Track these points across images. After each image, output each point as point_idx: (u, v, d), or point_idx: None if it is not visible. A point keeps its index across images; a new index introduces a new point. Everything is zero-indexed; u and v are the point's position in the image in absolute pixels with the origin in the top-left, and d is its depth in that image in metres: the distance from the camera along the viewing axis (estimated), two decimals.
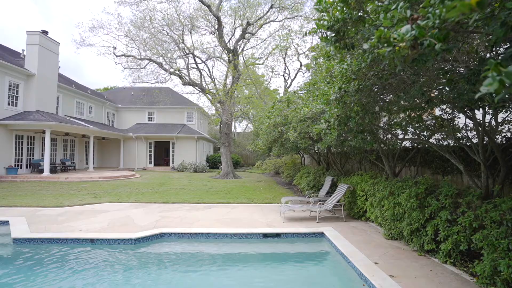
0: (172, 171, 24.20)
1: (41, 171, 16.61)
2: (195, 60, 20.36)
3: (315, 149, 10.61)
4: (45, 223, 6.50)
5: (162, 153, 28.95)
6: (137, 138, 25.32)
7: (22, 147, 16.84)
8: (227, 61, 20.52)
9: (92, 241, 5.29)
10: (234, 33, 21.47)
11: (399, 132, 6.16)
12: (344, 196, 7.52)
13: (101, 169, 23.40)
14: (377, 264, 4.15)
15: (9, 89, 16.00)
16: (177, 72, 19.75)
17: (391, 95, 4.32)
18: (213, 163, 28.54)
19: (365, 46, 1.91)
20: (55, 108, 19.30)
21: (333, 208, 7.27)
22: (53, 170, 17.11)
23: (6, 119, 15.41)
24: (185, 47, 19.62)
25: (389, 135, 6.58)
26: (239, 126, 49.96)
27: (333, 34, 2.42)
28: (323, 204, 7.36)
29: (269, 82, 33.91)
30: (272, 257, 5.20)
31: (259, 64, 25.86)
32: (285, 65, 29.60)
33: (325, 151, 10.52)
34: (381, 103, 4.37)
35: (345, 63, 2.62)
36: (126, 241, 5.25)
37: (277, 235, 5.82)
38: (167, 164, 27.14)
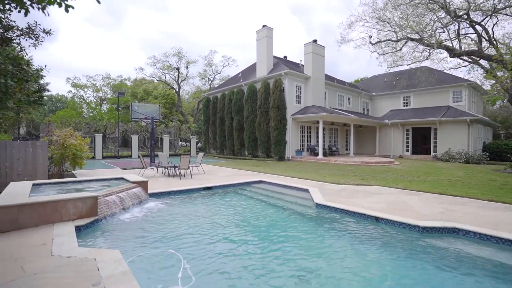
0: (434, 161, 21.22)
1: (316, 154, 20.70)
2: (471, 23, 16.19)
3: None
4: (331, 195, 7.88)
5: (418, 140, 26.23)
6: (393, 125, 24.63)
7: (304, 135, 21.90)
8: None
9: (376, 219, 5.66)
10: None
11: None
12: None
13: (359, 155, 25.22)
14: None
15: (295, 91, 21.24)
16: (443, 44, 16.70)
17: None
18: (493, 153, 21.77)
19: None
20: (324, 102, 23.16)
21: None
22: (324, 154, 20.79)
23: (295, 113, 20.67)
24: (453, 10, 16.05)
25: None
26: None
27: None
28: None
29: None
30: None
31: None
32: None
33: None
34: None
35: None
36: (412, 227, 5.09)
37: None
38: (426, 153, 24.19)
